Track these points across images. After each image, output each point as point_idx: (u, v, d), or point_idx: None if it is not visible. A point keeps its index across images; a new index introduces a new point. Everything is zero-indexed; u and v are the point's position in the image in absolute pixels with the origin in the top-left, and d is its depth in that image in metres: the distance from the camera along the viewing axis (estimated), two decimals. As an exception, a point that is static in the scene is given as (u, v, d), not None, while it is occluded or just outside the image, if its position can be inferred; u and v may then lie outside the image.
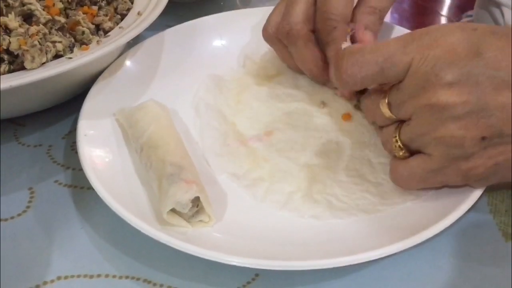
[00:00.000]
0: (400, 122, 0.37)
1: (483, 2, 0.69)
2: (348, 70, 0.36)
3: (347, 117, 0.46)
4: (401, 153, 0.37)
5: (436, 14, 2.28)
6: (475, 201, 0.36)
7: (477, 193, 0.36)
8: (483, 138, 0.32)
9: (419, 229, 0.34)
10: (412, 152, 0.37)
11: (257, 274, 0.36)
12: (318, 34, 0.45)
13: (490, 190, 0.40)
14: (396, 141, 0.36)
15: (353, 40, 0.44)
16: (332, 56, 0.44)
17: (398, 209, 0.38)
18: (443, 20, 2.21)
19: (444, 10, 2.30)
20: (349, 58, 0.36)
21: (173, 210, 0.36)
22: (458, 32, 0.33)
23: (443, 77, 0.32)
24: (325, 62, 0.46)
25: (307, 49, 0.45)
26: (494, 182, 0.36)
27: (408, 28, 0.54)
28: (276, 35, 0.47)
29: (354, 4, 0.45)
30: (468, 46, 0.32)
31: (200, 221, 0.37)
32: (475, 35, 0.33)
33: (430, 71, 0.33)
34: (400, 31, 0.54)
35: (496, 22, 0.65)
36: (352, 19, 0.45)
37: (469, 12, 0.87)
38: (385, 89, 0.37)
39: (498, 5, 0.63)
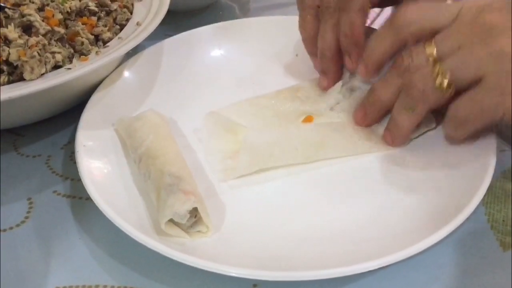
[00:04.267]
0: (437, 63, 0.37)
1: None
2: (407, 15, 0.39)
3: (308, 119, 0.48)
4: (449, 87, 0.37)
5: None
6: (472, 211, 0.36)
7: (474, 203, 0.36)
8: None
9: (416, 240, 0.34)
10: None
11: (255, 284, 0.36)
12: (339, 2, 0.45)
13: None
14: (443, 77, 0.37)
15: None
16: (343, 25, 0.45)
17: (395, 220, 0.38)
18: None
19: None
20: (405, 10, 0.39)
21: (171, 221, 0.36)
22: None
23: (491, 4, 0.36)
24: (338, 50, 0.47)
25: (334, 28, 0.46)
26: None
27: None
28: (317, 4, 0.47)
29: None
30: None
31: (198, 231, 0.37)
32: None
33: (483, 3, 0.36)
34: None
35: None
36: None
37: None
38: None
39: None
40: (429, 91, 0.38)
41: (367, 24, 0.46)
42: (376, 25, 0.52)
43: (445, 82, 0.37)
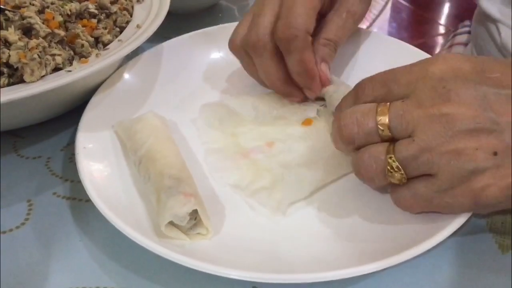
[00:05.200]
0: (391, 142, 0.34)
1: (480, 17, 0.69)
2: (365, 87, 0.37)
3: (307, 122, 0.48)
4: (397, 175, 0.34)
5: (434, 23, 2.30)
6: (471, 213, 0.36)
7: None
8: (495, 153, 0.31)
9: (416, 242, 0.34)
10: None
11: (255, 286, 0.36)
12: (280, 44, 0.45)
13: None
14: (392, 161, 0.34)
15: None
16: (293, 66, 0.45)
17: (395, 223, 0.38)
18: (441, 29, 2.23)
19: (442, 19, 2.32)
20: (364, 82, 0.37)
21: (171, 223, 0.36)
22: (460, 56, 0.34)
23: (452, 89, 0.32)
24: (288, 76, 0.47)
25: (272, 61, 0.46)
26: (506, 207, 0.34)
27: (406, 37, 0.55)
28: (243, 46, 0.47)
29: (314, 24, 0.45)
30: (473, 66, 0.33)
31: (198, 233, 0.37)
32: (478, 59, 0.34)
33: (438, 84, 0.33)
34: (396, 43, 0.54)
35: (492, 38, 0.65)
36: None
37: (466, 22, 0.88)
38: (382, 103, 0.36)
39: (495, 22, 0.64)
40: (378, 179, 0.35)
41: (365, 26, 0.47)
42: (375, 27, 0.52)
43: (399, 176, 0.34)
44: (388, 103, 0.34)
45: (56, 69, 0.44)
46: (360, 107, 0.36)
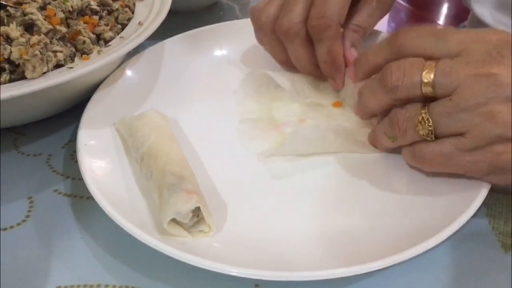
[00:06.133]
0: (426, 101, 0.36)
1: (474, 22, 0.70)
2: (408, 35, 0.37)
3: (338, 104, 0.49)
4: (426, 130, 0.35)
5: (433, 23, 2.30)
6: (474, 212, 0.36)
7: (476, 204, 0.36)
8: None
9: (418, 240, 0.34)
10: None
11: (257, 284, 0.36)
12: (311, 31, 0.45)
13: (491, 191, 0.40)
14: (426, 118, 0.35)
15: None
16: (321, 54, 0.45)
17: (399, 221, 0.38)
18: (440, 30, 2.23)
19: (441, 20, 2.32)
20: (408, 30, 0.37)
21: (173, 220, 0.36)
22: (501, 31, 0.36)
23: (505, 56, 0.33)
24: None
25: (304, 48, 0.46)
26: None
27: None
28: (272, 28, 0.47)
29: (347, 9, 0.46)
30: None
31: (200, 231, 0.37)
32: None
33: (493, 49, 0.34)
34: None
35: None
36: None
37: (465, 23, 0.88)
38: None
39: (488, 27, 0.64)
40: (410, 132, 0.37)
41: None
42: (379, 26, 0.52)
43: (427, 130, 0.36)
44: (436, 60, 0.35)
45: (58, 65, 0.44)
46: (408, 59, 0.36)
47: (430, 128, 0.35)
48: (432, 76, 0.35)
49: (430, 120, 0.35)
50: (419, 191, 0.40)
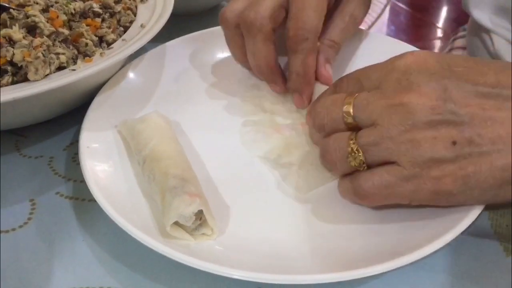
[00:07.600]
0: (355, 130, 0.36)
1: (473, 27, 0.70)
2: (343, 79, 0.39)
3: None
4: (358, 161, 0.35)
5: (433, 26, 2.30)
6: (475, 217, 0.35)
7: (477, 210, 0.36)
8: (454, 143, 0.32)
9: (419, 245, 0.34)
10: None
11: (260, 287, 0.36)
12: (288, 41, 0.45)
13: (490, 209, 0.40)
14: (356, 149, 0.35)
15: None
16: (295, 66, 0.45)
17: (399, 224, 0.38)
18: (439, 33, 2.23)
19: (440, 23, 2.32)
20: (341, 78, 0.40)
21: (176, 223, 0.36)
22: (428, 52, 0.36)
23: (414, 81, 0.34)
24: (275, 64, 0.47)
25: (265, 45, 0.46)
26: (463, 201, 0.35)
27: (404, 40, 0.55)
28: (237, 21, 0.46)
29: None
30: (438, 60, 0.34)
31: (203, 234, 0.37)
32: (444, 55, 0.35)
33: (402, 77, 0.34)
34: (395, 43, 0.54)
35: (486, 47, 0.66)
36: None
37: (465, 26, 0.88)
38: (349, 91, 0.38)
39: (487, 32, 0.64)
40: (341, 164, 0.37)
41: (364, 28, 0.47)
42: (374, 30, 0.52)
43: (358, 161, 0.35)
44: (356, 94, 0.36)
45: (60, 68, 0.44)
46: (331, 96, 0.38)
47: (361, 158, 0.35)
48: (351, 110, 0.36)
49: (360, 150, 0.35)
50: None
